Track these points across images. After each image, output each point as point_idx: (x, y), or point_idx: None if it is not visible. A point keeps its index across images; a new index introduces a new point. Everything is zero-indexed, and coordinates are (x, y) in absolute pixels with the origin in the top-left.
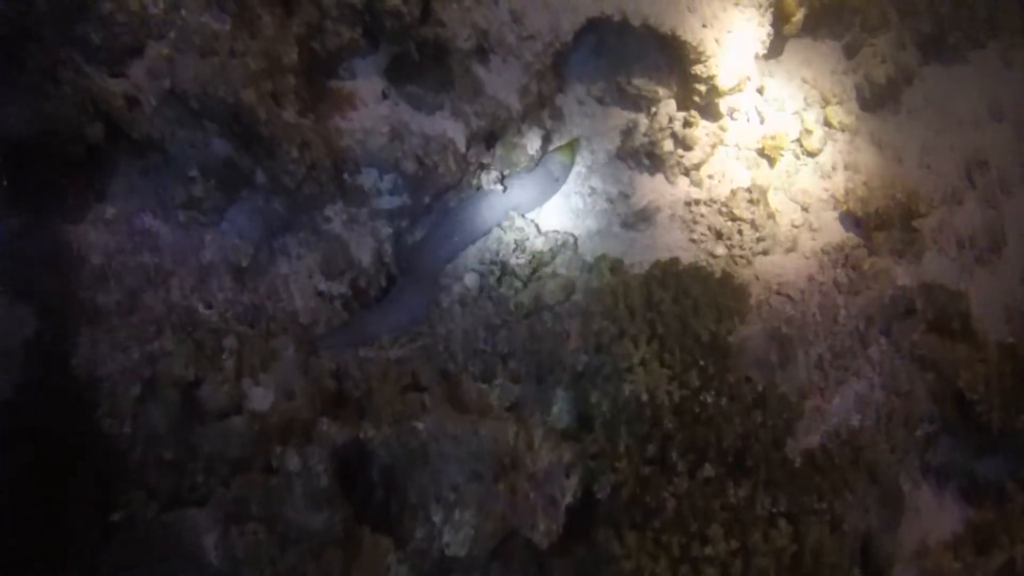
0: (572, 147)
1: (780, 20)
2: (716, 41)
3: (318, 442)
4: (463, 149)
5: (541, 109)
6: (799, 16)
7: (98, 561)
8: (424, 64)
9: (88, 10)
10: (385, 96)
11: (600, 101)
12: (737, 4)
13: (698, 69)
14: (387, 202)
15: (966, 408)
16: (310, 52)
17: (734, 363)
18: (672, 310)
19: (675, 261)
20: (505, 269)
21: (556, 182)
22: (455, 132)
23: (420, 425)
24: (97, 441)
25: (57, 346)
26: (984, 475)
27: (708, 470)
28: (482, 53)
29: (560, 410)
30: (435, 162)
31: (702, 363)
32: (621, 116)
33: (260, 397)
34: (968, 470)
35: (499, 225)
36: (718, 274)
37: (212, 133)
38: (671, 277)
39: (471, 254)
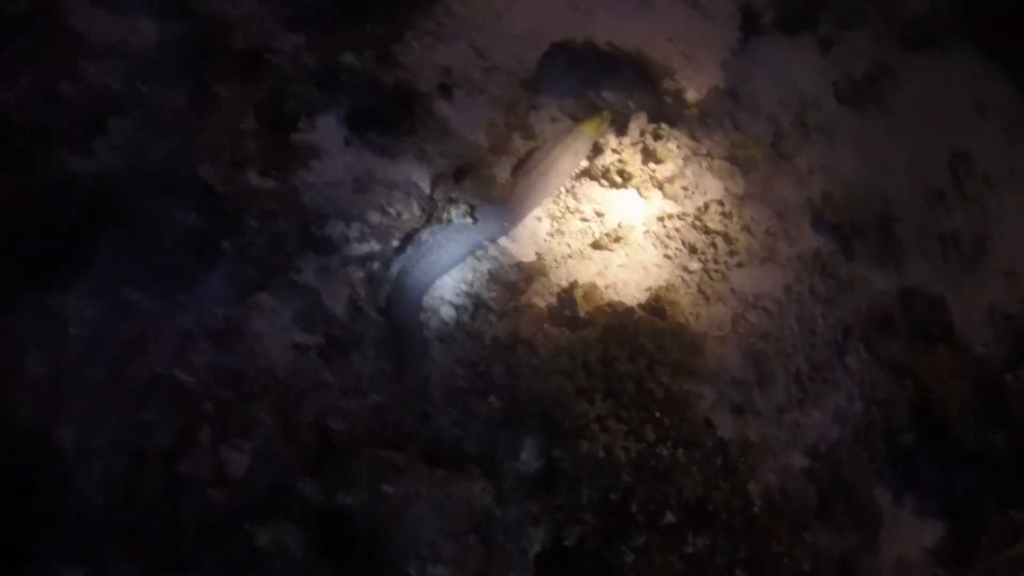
0: (598, 122)
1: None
2: (683, 54)
3: (292, 511)
4: (428, 191)
5: (511, 135)
6: (769, 16)
7: None
8: (385, 109)
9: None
10: (347, 143)
11: (573, 117)
12: (703, 14)
13: (666, 83)
14: (356, 249)
15: (942, 421)
16: (269, 114)
17: (691, 413)
18: (627, 368)
19: (630, 312)
20: (479, 302)
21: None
22: (419, 176)
23: (391, 489)
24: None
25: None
26: (962, 487)
27: (669, 517)
28: (446, 90)
29: (528, 456)
30: (399, 210)
31: (657, 416)
32: None
33: (238, 462)
34: (947, 482)
35: (473, 255)
36: (673, 326)
37: (181, 206)
38: (628, 334)
39: (446, 287)
